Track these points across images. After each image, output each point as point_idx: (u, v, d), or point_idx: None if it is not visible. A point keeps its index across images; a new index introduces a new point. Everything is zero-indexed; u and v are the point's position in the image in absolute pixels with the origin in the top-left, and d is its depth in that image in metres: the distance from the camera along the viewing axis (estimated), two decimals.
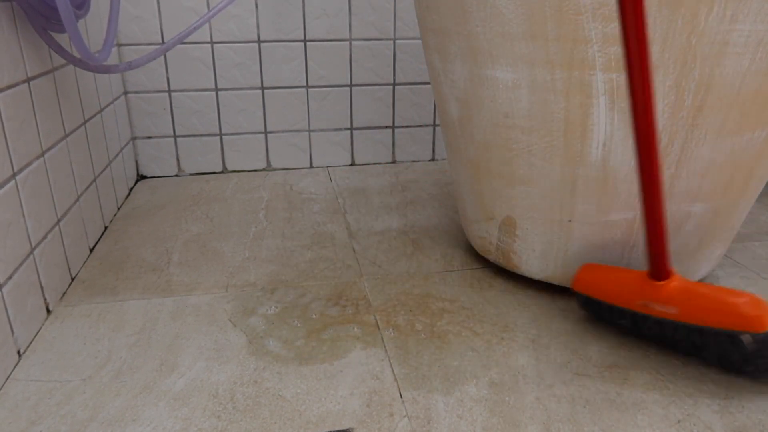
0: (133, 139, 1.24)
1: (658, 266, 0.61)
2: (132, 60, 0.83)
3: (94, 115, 0.98)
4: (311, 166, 1.32)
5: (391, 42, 1.26)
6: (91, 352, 0.68)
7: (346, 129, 1.31)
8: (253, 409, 0.59)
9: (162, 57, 1.19)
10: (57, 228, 0.79)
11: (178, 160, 1.27)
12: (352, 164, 1.34)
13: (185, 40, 1.18)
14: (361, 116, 1.31)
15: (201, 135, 1.26)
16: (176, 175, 1.28)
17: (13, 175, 0.67)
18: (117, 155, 1.10)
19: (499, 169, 0.74)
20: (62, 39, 0.83)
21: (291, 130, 1.29)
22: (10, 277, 0.65)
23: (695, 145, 0.63)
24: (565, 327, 0.72)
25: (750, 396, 0.60)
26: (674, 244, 0.71)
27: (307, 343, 0.69)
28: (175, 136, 1.25)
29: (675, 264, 0.73)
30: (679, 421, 0.57)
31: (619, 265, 0.72)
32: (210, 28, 1.18)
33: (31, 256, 0.70)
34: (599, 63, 0.60)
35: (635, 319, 0.66)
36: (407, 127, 1.34)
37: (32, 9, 0.71)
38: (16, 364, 0.65)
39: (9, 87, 0.67)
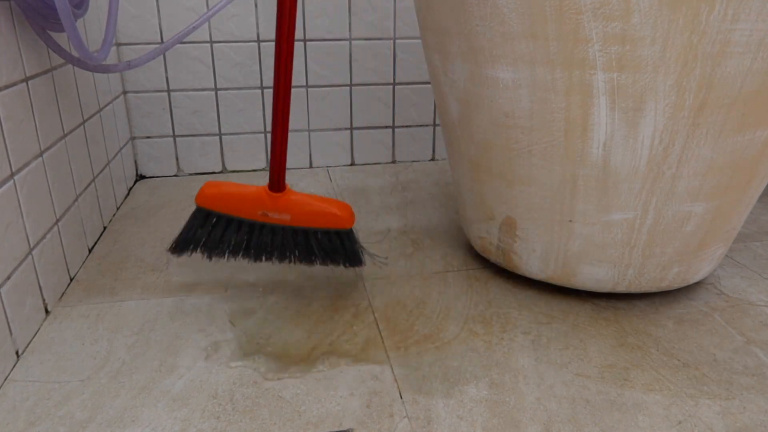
0: (132, 138, 1.23)
1: (278, 180, 0.72)
2: (131, 59, 0.82)
3: (93, 115, 0.98)
4: (311, 166, 1.32)
5: (391, 42, 1.26)
6: (90, 353, 0.67)
7: (346, 129, 1.31)
8: (253, 409, 0.59)
9: (161, 56, 1.19)
10: (56, 228, 0.78)
11: (177, 160, 1.27)
12: (352, 164, 1.34)
13: (185, 40, 1.17)
14: (361, 116, 1.31)
15: (200, 135, 1.26)
16: (175, 175, 1.27)
17: (12, 175, 0.67)
18: (116, 155, 1.10)
19: (500, 169, 0.74)
20: (61, 38, 0.82)
21: (291, 130, 1.29)
22: (8, 278, 0.64)
23: (696, 144, 0.63)
24: (565, 327, 0.72)
25: (751, 397, 0.60)
26: (675, 243, 0.71)
27: (307, 344, 0.69)
28: (174, 136, 1.25)
29: (676, 263, 0.73)
30: (680, 422, 0.57)
31: (620, 266, 0.72)
32: (209, 28, 1.18)
33: (30, 257, 0.70)
34: (600, 63, 0.60)
35: (251, 230, 0.74)
36: (407, 127, 1.34)
37: (31, 8, 0.71)
38: (15, 365, 0.65)
39: (7, 86, 0.67)
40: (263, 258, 0.75)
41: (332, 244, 0.74)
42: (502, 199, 0.76)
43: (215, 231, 0.74)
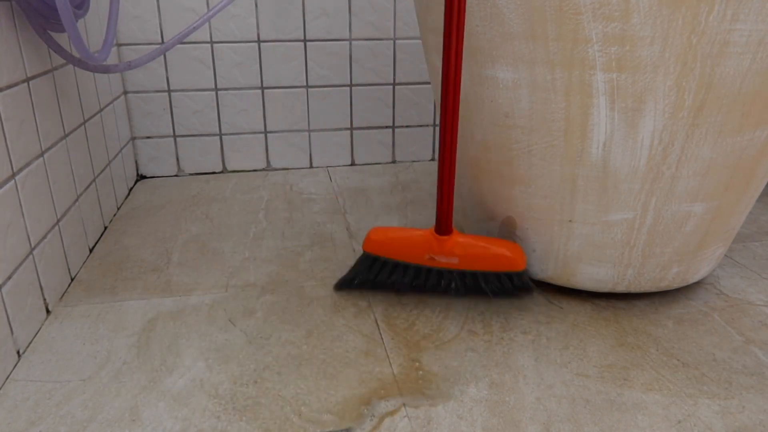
0: (133, 139, 1.24)
1: (445, 223, 0.72)
2: (131, 60, 0.83)
3: (94, 115, 0.98)
4: (311, 166, 1.32)
5: (391, 42, 1.26)
6: (91, 353, 0.67)
7: (346, 129, 1.31)
8: (253, 409, 0.59)
9: (162, 57, 1.19)
10: (56, 228, 0.78)
11: (177, 160, 1.27)
12: (352, 164, 1.34)
13: (185, 40, 1.18)
14: (361, 116, 1.31)
15: (201, 135, 1.26)
16: (176, 175, 1.27)
17: (13, 175, 0.67)
18: (117, 155, 1.10)
19: (499, 169, 0.74)
20: (62, 39, 0.83)
21: (291, 130, 1.29)
22: (9, 277, 0.64)
23: (696, 144, 0.63)
24: (565, 327, 0.72)
25: (750, 396, 0.60)
26: (675, 243, 0.71)
27: (307, 343, 0.69)
28: (174, 136, 1.25)
29: (675, 263, 0.73)
30: (679, 422, 0.57)
31: (619, 266, 0.72)
32: (210, 28, 1.18)
33: (31, 256, 0.70)
34: (599, 63, 0.60)
35: (418, 273, 0.74)
36: (407, 127, 1.34)
37: (32, 9, 0.71)
38: (16, 365, 0.65)
39: (8, 87, 0.67)
40: (433, 294, 0.77)
41: (502, 285, 0.73)
42: (502, 199, 0.76)
43: (382, 274, 0.76)
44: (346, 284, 0.79)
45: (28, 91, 0.72)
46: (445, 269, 0.73)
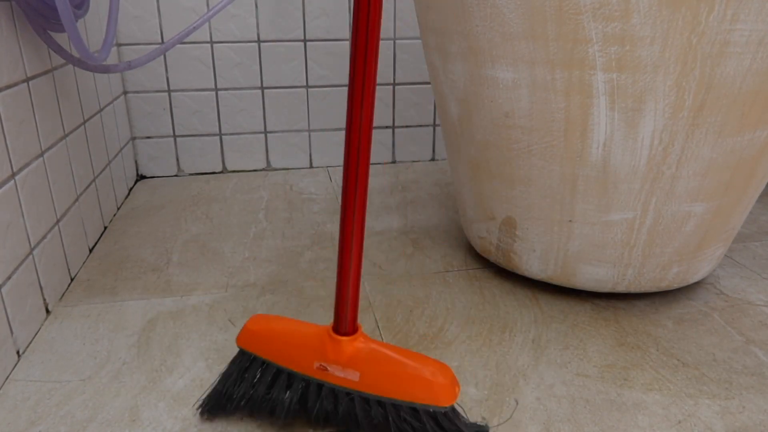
0: (133, 139, 1.24)
1: (346, 318, 0.50)
2: (131, 60, 0.83)
3: (94, 115, 0.98)
4: (311, 166, 1.32)
5: (391, 42, 1.26)
6: (91, 353, 0.67)
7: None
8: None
9: (162, 57, 1.19)
10: (56, 228, 0.78)
11: (177, 160, 1.27)
12: None
13: (185, 40, 1.18)
14: None
15: (201, 135, 1.26)
16: (176, 175, 1.27)
17: (13, 175, 0.67)
18: (116, 155, 1.10)
19: (499, 169, 0.74)
20: (61, 39, 0.83)
21: (291, 130, 1.29)
22: (9, 277, 0.64)
23: (696, 145, 0.63)
24: (565, 327, 0.72)
25: (750, 396, 0.60)
26: (675, 243, 0.71)
27: None
28: (174, 136, 1.25)
29: (676, 263, 0.73)
30: (679, 422, 0.57)
31: (619, 266, 0.72)
32: (210, 28, 1.18)
33: (31, 256, 0.70)
34: (599, 63, 0.60)
35: (306, 387, 0.52)
36: (407, 127, 1.34)
37: (31, 9, 0.71)
38: (16, 365, 0.65)
39: (8, 87, 0.67)
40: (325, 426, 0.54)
41: (423, 427, 0.49)
42: (502, 199, 0.76)
43: (259, 385, 0.54)
44: (218, 403, 0.55)
45: (28, 91, 0.72)
46: (340, 388, 0.51)
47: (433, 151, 1.37)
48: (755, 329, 0.71)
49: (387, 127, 1.33)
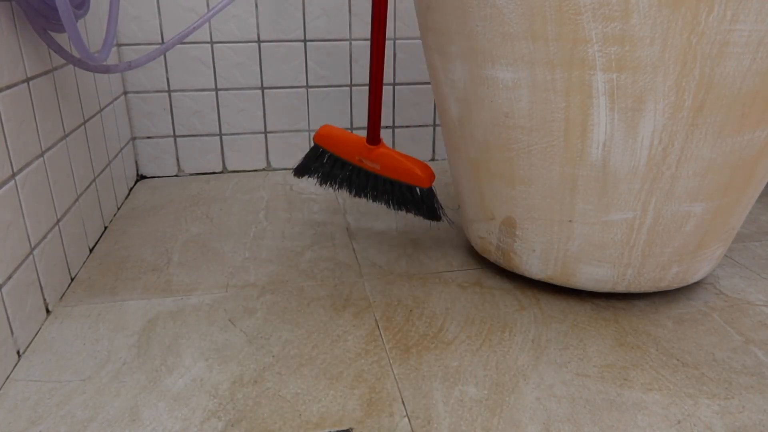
0: (133, 139, 1.24)
1: (372, 135, 0.87)
2: (132, 60, 0.83)
3: (94, 115, 0.98)
4: None
5: (391, 42, 1.26)
6: (91, 353, 0.67)
7: (347, 129, 1.31)
8: (253, 409, 0.59)
9: (162, 57, 1.19)
10: (56, 228, 0.79)
11: (177, 160, 1.27)
12: None
13: (185, 40, 1.18)
14: (361, 116, 1.31)
15: (201, 135, 1.26)
16: (176, 175, 1.28)
17: (13, 175, 0.67)
18: (117, 155, 1.10)
19: (499, 169, 0.74)
20: (62, 39, 0.83)
21: (291, 130, 1.29)
22: (9, 277, 0.65)
23: (695, 145, 0.63)
24: (565, 327, 0.72)
25: (750, 396, 0.60)
26: (674, 243, 0.71)
27: (308, 343, 0.69)
28: (174, 136, 1.25)
29: (675, 263, 0.73)
30: (679, 421, 0.57)
31: (619, 266, 0.72)
32: (210, 28, 1.18)
33: (31, 256, 0.70)
34: (599, 63, 0.60)
35: (352, 170, 0.92)
36: (407, 127, 1.34)
37: (32, 9, 0.71)
38: (16, 365, 0.65)
39: (8, 87, 0.67)
40: (360, 195, 0.93)
41: (413, 197, 0.87)
42: (502, 199, 0.76)
43: (325, 166, 0.94)
44: (303, 171, 0.96)
45: (28, 91, 0.72)
46: (371, 172, 0.89)
47: (433, 151, 1.37)
48: (755, 329, 0.71)
49: (387, 127, 1.33)
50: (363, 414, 0.58)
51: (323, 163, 0.94)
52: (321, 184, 0.95)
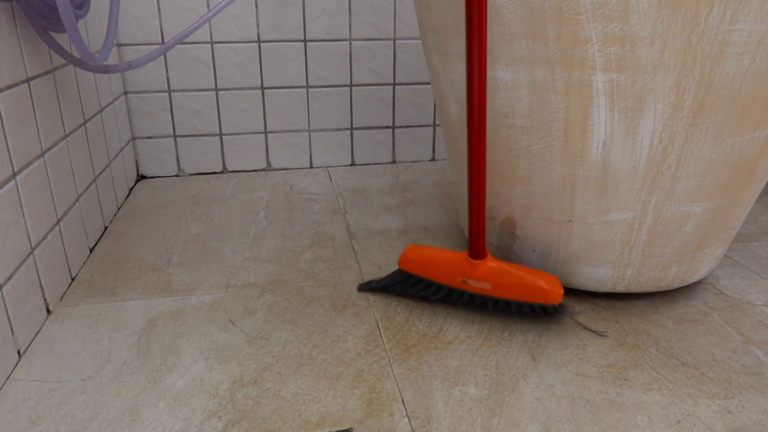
0: (133, 139, 1.24)
1: (477, 248, 0.71)
2: (132, 60, 0.83)
3: (94, 115, 0.98)
4: (311, 166, 1.32)
5: (391, 42, 1.26)
6: (91, 353, 0.68)
7: (346, 129, 1.31)
8: (253, 409, 0.59)
9: (162, 57, 1.19)
10: (57, 228, 0.79)
11: (178, 160, 1.27)
12: (352, 164, 1.34)
13: (185, 40, 1.18)
14: (361, 116, 1.31)
15: (201, 135, 1.26)
16: (176, 175, 1.28)
17: (13, 175, 0.67)
18: (117, 155, 1.10)
19: (499, 169, 0.74)
20: (62, 39, 0.83)
21: (291, 130, 1.29)
22: (10, 277, 0.65)
23: (695, 145, 0.63)
24: (565, 327, 0.72)
25: (750, 396, 0.60)
26: (674, 243, 0.71)
27: (308, 343, 0.69)
28: (175, 136, 1.25)
29: (675, 263, 0.73)
30: (679, 421, 0.57)
31: (619, 266, 0.72)
32: (210, 28, 1.18)
33: (31, 256, 0.70)
34: (599, 63, 0.60)
35: (451, 294, 0.74)
36: (407, 127, 1.34)
37: (32, 9, 0.71)
38: (16, 364, 0.65)
39: (9, 87, 0.67)
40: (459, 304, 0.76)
41: (535, 314, 0.70)
42: (502, 199, 0.76)
43: (414, 289, 0.76)
44: (372, 287, 0.80)
45: (28, 91, 0.72)
46: (478, 294, 0.72)
47: (433, 151, 1.37)
48: (755, 329, 0.71)
49: (387, 127, 1.33)
50: (363, 414, 0.58)
51: (411, 285, 0.77)
52: (401, 296, 0.79)
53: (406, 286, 0.77)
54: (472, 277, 0.71)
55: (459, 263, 0.72)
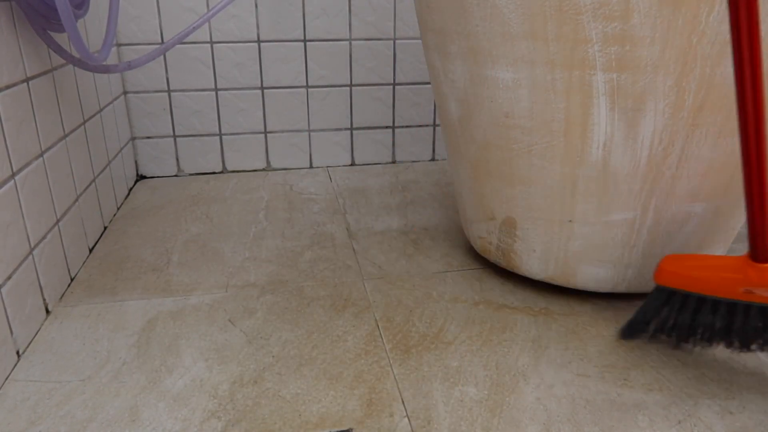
0: (133, 139, 1.24)
1: (763, 248, 0.55)
2: (131, 60, 0.82)
3: (94, 115, 0.98)
4: (311, 166, 1.32)
5: (391, 42, 1.26)
6: (91, 353, 0.67)
7: (346, 129, 1.31)
8: (253, 409, 0.59)
9: (161, 57, 1.19)
10: (56, 228, 0.78)
11: (177, 160, 1.27)
12: (352, 164, 1.34)
13: (185, 40, 1.18)
14: (361, 116, 1.31)
15: (200, 135, 1.26)
16: (176, 175, 1.27)
17: (13, 175, 0.67)
18: (116, 155, 1.10)
19: (500, 169, 0.74)
20: (61, 39, 0.83)
21: (291, 130, 1.29)
22: (9, 277, 0.64)
23: (696, 145, 0.63)
24: (566, 327, 0.72)
25: (751, 396, 0.60)
26: (675, 244, 0.71)
27: (308, 343, 0.69)
28: (174, 136, 1.25)
29: None
30: (679, 422, 0.57)
31: (620, 266, 0.72)
32: (209, 28, 1.18)
33: (31, 257, 0.70)
34: (600, 63, 0.60)
35: (732, 311, 0.58)
36: (407, 127, 1.34)
37: (31, 9, 0.71)
38: (15, 365, 0.65)
39: (8, 87, 0.67)
40: (753, 346, 0.60)
41: None
42: (502, 199, 0.76)
43: (683, 314, 0.61)
44: (638, 330, 0.65)
45: (27, 91, 0.72)
46: None
47: (433, 151, 1.37)
48: None
49: (387, 127, 1.33)
50: (363, 414, 0.58)
51: (676, 310, 0.62)
52: (677, 344, 0.66)
53: (669, 310, 0.62)
54: (759, 285, 0.57)
55: (739, 269, 0.58)
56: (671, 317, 0.62)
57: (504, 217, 0.77)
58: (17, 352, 0.66)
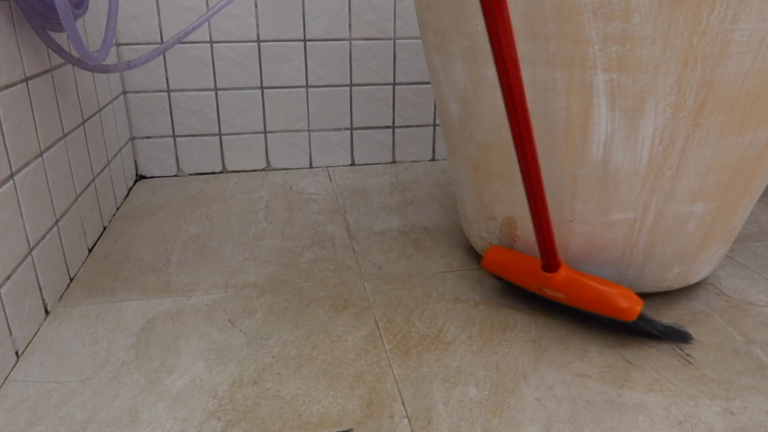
0: (132, 139, 1.23)
1: (548, 260, 0.69)
2: (131, 59, 0.82)
3: (93, 115, 0.98)
4: (311, 166, 1.32)
5: (391, 42, 1.26)
6: (90, 353, 0.67)
7: (346, 129, 1.31)
8: (253, 409, 0.58)
9: (161, 57, 1.18)
10: (55, 228, 0.78)
11: (177, 160, 1.27)
12: (352, 164, 1.34)
13: (184, 40, 1.17)
14: (361, 116, 1.30)
15: (200, 135, 1.25)
16: (175, 175, 1.27)
17: (12, 175, 0.67)
18: (116, 155, 1.10)
19: (500, 169, 0.73)
20: (61, 38, 0.82)
21: (291, 130, 1.29)
22: (8, 278, 0.64)
23: (697, 145, 0.63)
24: (566, 327, 0.72)
25: (751, 397, 0.60)
26: (676, 244, 0.71)
27: (307, 344, 0.69)
28: (174, 136, 1.25)
29: (676, 264, 0.73)
30: (680, 422, 0.57)
31: (620, 266, 0.72)
32: (209, 28, 1.18)
33: (30, 257, 0.70)
34: (600, 63, 0.60)
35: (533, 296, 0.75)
36: (407, 127, 1.34)
37: (31, 8, 0.71)
38: (15, 365, 0.65)
39: (7, 86, 0.67)
40: None
41: (614, 326, 0.69)
42: (502, 199, 0.76)
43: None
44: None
45: (26, 91, 0.72)
46: (551, 301, 0.72)
47: (433, 151, 1.37)
48: (756, 330, 0.71)
49: (387, 127, 1.32)
50: (363, 415, 0.58)
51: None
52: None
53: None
54: (546, 286, 0.71)
55: (535, 270, 0.71)
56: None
57: (504, 217, 0.77)
58: (16, 353, 0.66)
